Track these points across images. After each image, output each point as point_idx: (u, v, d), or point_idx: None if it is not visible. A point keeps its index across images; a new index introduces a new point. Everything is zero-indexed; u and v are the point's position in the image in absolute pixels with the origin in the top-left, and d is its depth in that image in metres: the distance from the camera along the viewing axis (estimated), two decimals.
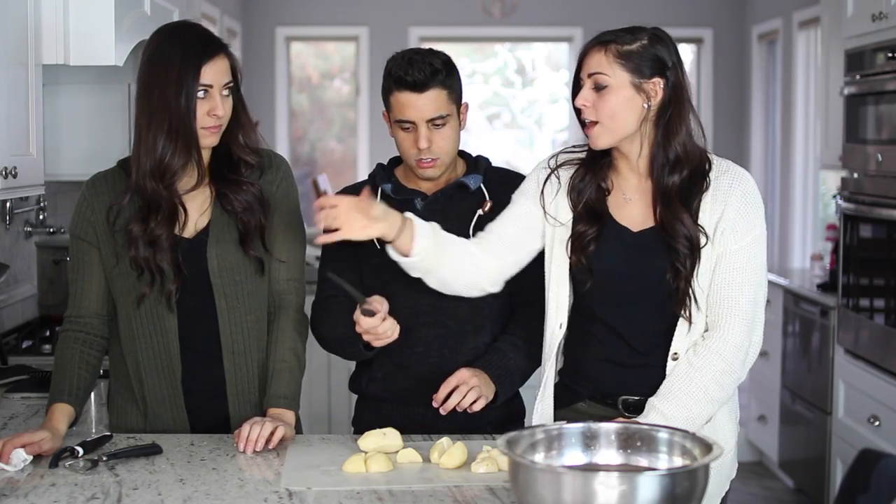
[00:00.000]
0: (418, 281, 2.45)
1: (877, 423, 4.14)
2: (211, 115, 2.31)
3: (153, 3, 3.43)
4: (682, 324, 2.27)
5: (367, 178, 2.62)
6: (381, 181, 2.55)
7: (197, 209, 2.40)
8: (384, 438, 2.25)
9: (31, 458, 2.15)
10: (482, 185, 2.53)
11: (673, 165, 2.25)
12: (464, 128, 2.52)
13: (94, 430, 2.53)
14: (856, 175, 4.38)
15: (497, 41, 10.04)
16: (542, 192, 2.37)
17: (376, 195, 2.53)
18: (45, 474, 2.09)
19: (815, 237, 6.64)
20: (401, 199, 2.52)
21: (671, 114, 2.24)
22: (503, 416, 2.53)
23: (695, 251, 2.23)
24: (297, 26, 8.97)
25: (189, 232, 2.39)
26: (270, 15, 8.85)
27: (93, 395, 2.80)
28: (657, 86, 2.23)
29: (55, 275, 3.74)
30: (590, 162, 2.34)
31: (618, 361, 2.33)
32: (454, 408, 2.38)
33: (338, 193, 2.60)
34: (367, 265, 2.53)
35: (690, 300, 2.23)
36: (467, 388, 2.35)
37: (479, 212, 2.50)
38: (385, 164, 2.62)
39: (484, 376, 2.40)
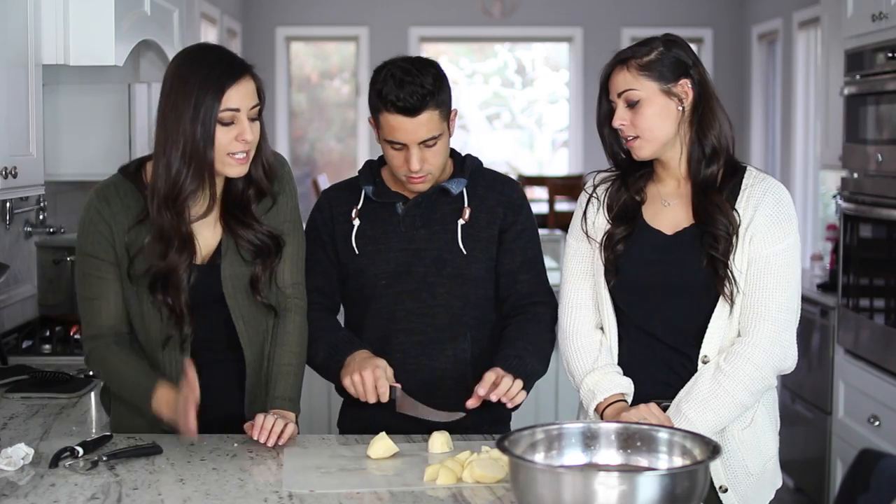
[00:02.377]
0: (396, 287, 2.47)
1: (877, 423, 4.15)
2: (239, 140, 2.24)
3: (153, 3, 3.43)
4: (715, 319, 2.29)
5: (356, 175, 2.59)
6: (364, 183, 2.52)
7: (207, 235, 2.36)
8: (392, 446, 2.23)
9: (31, 455, 2.15)
10: (464, 190, 2.50)
11: (710, 159, 2.32)
12: (452, 134, 2.47)
13: (94, 430, 2.53)
14: (856, 175, 4.38)
15: (497, 41, 10.05)
16: (585, 215, 2.43)
17: (360, 196, 2.52)
18: (45, 474, 2.09)
19: (815, 237, 6.64)
20: (382, 203, 2.50)
21: (703, 110, 2.31)
22: (489, 419, 2.49)
23: (731, 234, 2.28)
24: (297, 26, 8.98)
25: (201, 257, 2.35)
26: (270, 15, 8.85)
27: (93, 394, 2.81)
28: (685, 86, 2.30)
29: (55, 275, 3.74)
30: (625, 175, 2.40)
31: (659, 362, 2.35)
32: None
33: (327, 192, 2.61)
34: (347, 269, 2.52)
35: (731, 281, 2.27)
36: (511, 380, 2.29)
37: (461, 221, 2.48)
38: (374, 161, 2.58)
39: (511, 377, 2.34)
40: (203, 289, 2.34)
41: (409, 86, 2.33)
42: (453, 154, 2.56)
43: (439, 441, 2.26)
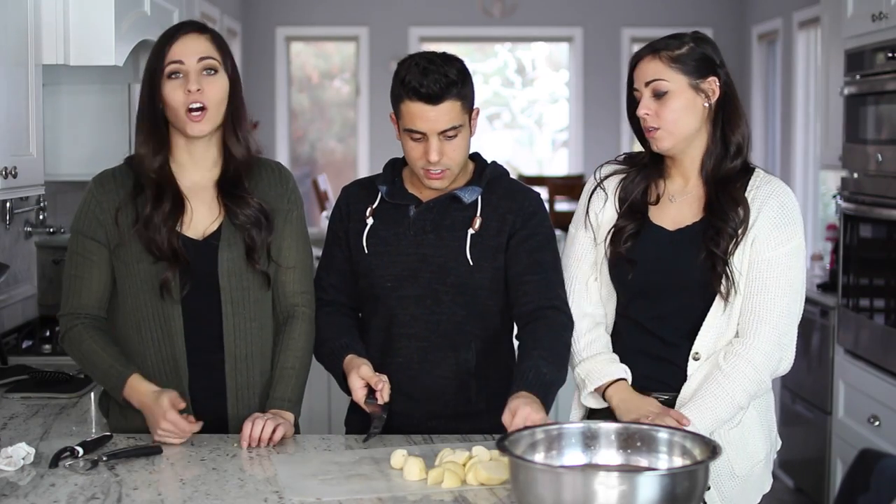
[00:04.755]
0: (401, 290, 2.45)
1: (877, 423, 4.14)
2: (187, 92, 2.29)
3: (153, 3, 3.43)
4: (711, 316, 2.29)
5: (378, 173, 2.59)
6: (380, 182, 2.52)
7: (205, 211, 2.40)
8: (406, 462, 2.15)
9: (32, 455, 2.15)
10: (479, 199, 2.46)
11: (733, 157, 2.32)
12: (474, 134, 2.45)
13: (94, 430, 2.53)
14: (856, 175, 4.38)
15: (497, 41, 10.04)
16: (589, 207, 2.43)
17: (377, 195, 2.52)
18: (45, 474, 2.09)
19: (815, 237, 6.64)
20: (395, 204, 2.49)
21: (729, 109, 2.32)
22: (493, 425, 2.42)
23: (738, 230, 2.28)
24: (297, 26, 8.97)
25: (197, 233, 2.39)
26: (270, 15, 8.85)
27: (92, 394, 2.81)
28: (713, 84, 2.30)
29: (55, 275, 3.73)
30: (648, 166, 2.39)
31: (647, 354, 2.36)
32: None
33: (347, 188, 2.60)
34: (358, 268, 2.51)
35: (728, 279, 2.27)
36: (523, 417, 2.13)
37: (470, 231, 2.43)
38: (398, 160, 2.55)
39: (536, 402, 2.19)
40: (198, 265, 2.36)
41: (433, 74, 2.33)
42: (477, 160, 2.53)
43: (417, 468, 2.09)
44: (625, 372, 2.34)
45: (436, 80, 2.32)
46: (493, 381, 2.47)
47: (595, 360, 2.35)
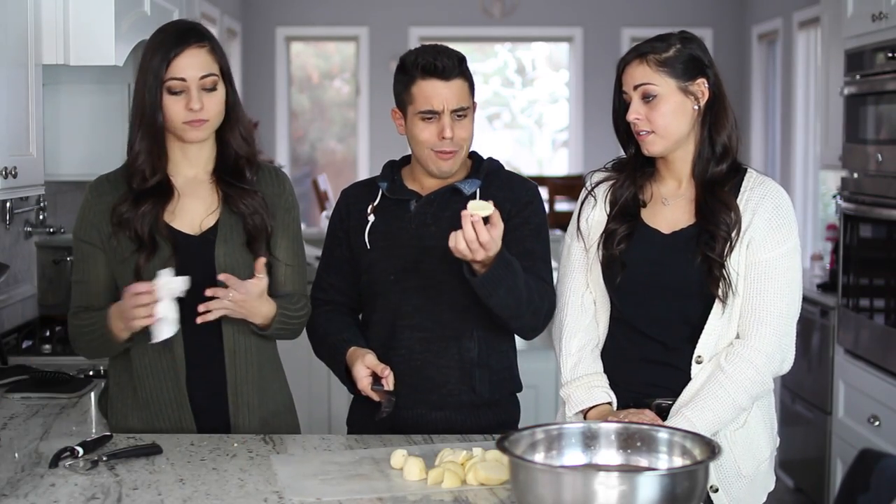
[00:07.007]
0: (404, 283, 2.47)
1: (877, 423, 4.15)
2: (188, 109, 2.32)
3: (153, 3, 3.43)
4: (711, 319, 2.29)
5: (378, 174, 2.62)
6: (380, 179, 2.55)
7: (200, 205, 2.42)
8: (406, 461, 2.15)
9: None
10: (478, 191, 2.49)
11: (720, 158, 2.32)
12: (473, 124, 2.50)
13: (94, 430, 2.53)
14: (856, 175, 4.38)
15: (497, 41, 10.05)
16: (581, 213, 2.43)
17: (378, 193, 2.54)
18: (45, 474, 2.09)
19: (815, 237, 6.64)
20: (396, 199, 2.51)
21: (717, 109, 2.31)
22: (497, 421, 2.50)
23: (731, 232, 2.27)
24: (297, 26, 8.98)
25: (194, 229, 2.40)
26: (270, 15, 8.85)
27: (92, 394, 2.81)
28: (702, 86, 2.30)
29: (55, 275, 3.74)
30: (632, 170, 2.39)
31: (649, 360, 2.35)
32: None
33: (346, 190, 2.63)
34: (360, 265, 2.53)
35: (726, 282, 2.26)
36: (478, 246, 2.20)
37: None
38: (395, 161, 2.60)
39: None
40: (196, 261, 2.37)
41: (443, 54, 2.43)
42: (474, 156, 2.57)
43: (417, 468, 2.10)
44: (607, 395, 2.34)
45: (448, 55, 2.43)
46: (496, 370, 2.49)
47: (579, 382, 2.35)
